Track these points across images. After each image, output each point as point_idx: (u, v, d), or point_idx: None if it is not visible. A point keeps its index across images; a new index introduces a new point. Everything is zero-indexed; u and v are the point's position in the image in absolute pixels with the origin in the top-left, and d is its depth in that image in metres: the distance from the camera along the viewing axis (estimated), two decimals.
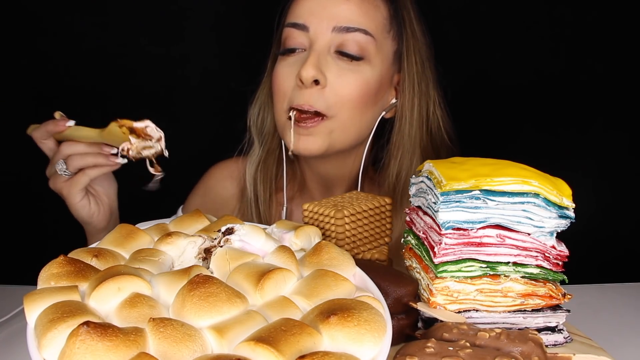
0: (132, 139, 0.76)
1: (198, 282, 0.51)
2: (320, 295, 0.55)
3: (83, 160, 0.83)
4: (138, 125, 0.77)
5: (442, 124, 0.99)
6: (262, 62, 1.05)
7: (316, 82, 0.89)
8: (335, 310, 0.50)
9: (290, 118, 0.91)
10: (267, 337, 0.46)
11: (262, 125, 1.04)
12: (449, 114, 1.00)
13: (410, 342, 0.55)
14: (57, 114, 0.86)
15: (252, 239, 0.63)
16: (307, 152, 0.92)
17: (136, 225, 0.69)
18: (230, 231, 0.65)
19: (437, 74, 1.00)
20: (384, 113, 0.97)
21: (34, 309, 0.51)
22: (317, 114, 0.90)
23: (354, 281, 0.60)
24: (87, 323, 0.44)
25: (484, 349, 0.52)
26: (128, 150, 0.76)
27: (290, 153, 0.95)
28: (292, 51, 0.93)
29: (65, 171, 0.84)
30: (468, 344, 0.53)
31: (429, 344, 0.52)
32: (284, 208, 1.04)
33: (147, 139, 0.77)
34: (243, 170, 1.07)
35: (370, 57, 0.91)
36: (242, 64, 1.09)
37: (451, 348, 0.52)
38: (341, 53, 0.90)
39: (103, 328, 0.45)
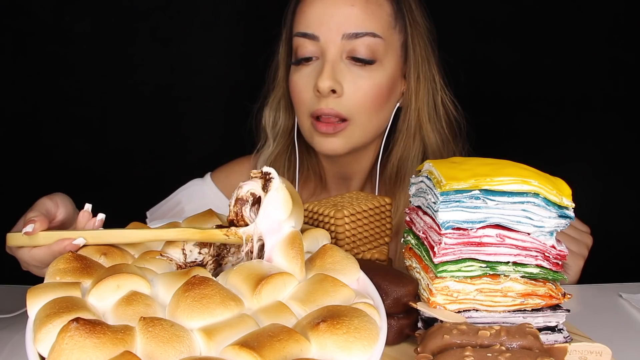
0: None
1: (194, 283, 0.51)
2: (316, 302, 0.54)
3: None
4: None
5: (448, 106, 1.03)
6: (266, 63, 1.08)
7: (333, 91, 0.92)
8: (326, 317, 0.49)
9: (313, 124, 0.96)
10: (252, 342, 0.45)
11: (275, 125, 1.08)
12: (452, 95, 1.03)
13: (445, 351, 0.53)
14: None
15: (275, 207, 0.60)
16: (331, 152, 0.97)
17: (148, 224, 0.69)
18: (268, 176, 0.61)
19: (439, 58, 1.03)
20: (398, 104, 1.01)
21: (35, 303, 0.51)
22: (340, 118, 0.94)
23: (357, 285, 0.60)
24: (77, 319, 0.45)
25: (521, 351, 0.51)
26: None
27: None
28: (305, 60, 0.96)
29: None
30: (504, 348, 0.52)
31: (467, 353, 0.51)
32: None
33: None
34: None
35: (381, 58, 0.95)
36: (246, 64, 1.10)
37: (490, 354, 0.50)
38: (353, 58, 0.93)
39: (92, 325, 0.45)
